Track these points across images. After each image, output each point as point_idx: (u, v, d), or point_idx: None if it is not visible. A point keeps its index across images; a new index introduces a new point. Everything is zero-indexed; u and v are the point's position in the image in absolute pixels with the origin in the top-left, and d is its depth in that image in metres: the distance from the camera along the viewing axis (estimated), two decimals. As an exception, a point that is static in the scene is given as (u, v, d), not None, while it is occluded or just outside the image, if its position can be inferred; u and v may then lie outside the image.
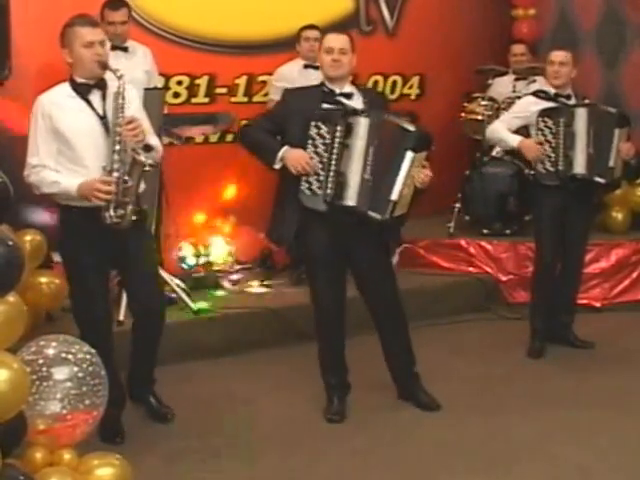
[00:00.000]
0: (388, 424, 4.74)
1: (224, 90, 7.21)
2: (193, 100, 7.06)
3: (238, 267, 6.92)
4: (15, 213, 3.88)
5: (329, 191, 4.53)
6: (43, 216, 5.88)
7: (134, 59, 5.97)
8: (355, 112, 4.54)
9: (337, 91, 4.66)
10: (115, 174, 4.15)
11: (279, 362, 5.63)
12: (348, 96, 4.67)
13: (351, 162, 4.51)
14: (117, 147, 4.16)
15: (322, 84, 4.74)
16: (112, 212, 4.16)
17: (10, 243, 3.22)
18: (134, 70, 5.58)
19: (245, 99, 7.28)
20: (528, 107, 5.68)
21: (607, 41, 7.99)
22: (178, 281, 6.07)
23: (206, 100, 7.15)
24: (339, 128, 4.49)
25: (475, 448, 4.42)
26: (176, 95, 6.97)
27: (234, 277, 6.72)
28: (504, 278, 6.93)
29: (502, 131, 5.73)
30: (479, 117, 7.49)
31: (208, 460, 4.34)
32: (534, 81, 7.27)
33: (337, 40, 4.67)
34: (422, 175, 4.56)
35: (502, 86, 7.65)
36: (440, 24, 8.07)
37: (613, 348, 5.92)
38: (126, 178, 4.16)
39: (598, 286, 6.83)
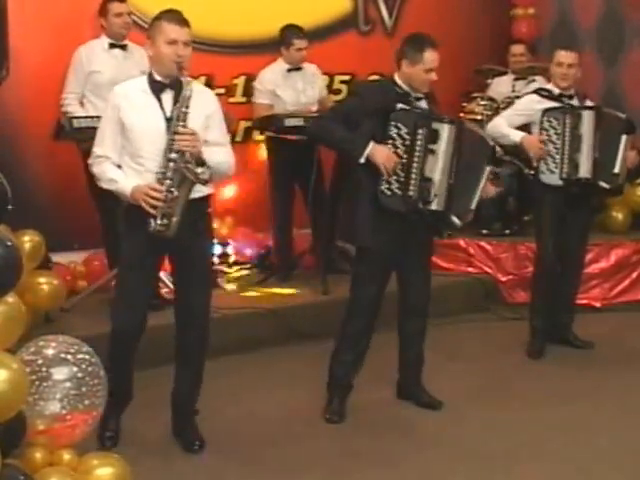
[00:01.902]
0: (388, 424, 4.74)
1: (222, 90, 7.18)
2: (192, 100, 7.04)
3: (237, 267, 6.92)
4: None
5: (412, 194, 4.57)
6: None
7: (132, 59, 5.95)
8: (437, 118, 4.64)
9: (413, 95, 4.71)
10: (167, 182, 4.07)
11: (279, 362, 5.63)
12: (419, 99, 4.74)
13: (437, 168, 4.58)
14: (172, 155, 4.07)
15: (394, 83, 4.73)
16: (158, 220, 4.07)
17: (9, 244, 3.21)
18: (131, 70, 5.57)
19: (243, 99, 7.26)
20: (531, 105, 5.67)
21: (607, 40, 8.00)
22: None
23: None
24: (421, 131, 4.55)
25: (475, 448, 4.42)
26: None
27: (233, 277, 6.71)
28: (503, 278, 6.93)
29: (504, 127, 5.71)
30: (478, 117, 7.48)
31: (208, 460, 4.33)
32: (533, 81, 7.28)
33: (437, 60, 4.89)
34: (489, 188, 4.81)
35: (501, 86, 7.65)
36: (439, 24, 8.03)
37: (613, 348, 5.93)
38: (173, 189, 4.07)
39: (598, 286, 6.83)
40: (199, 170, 4.06)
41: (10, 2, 5.61)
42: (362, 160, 4.57)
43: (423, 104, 4.74)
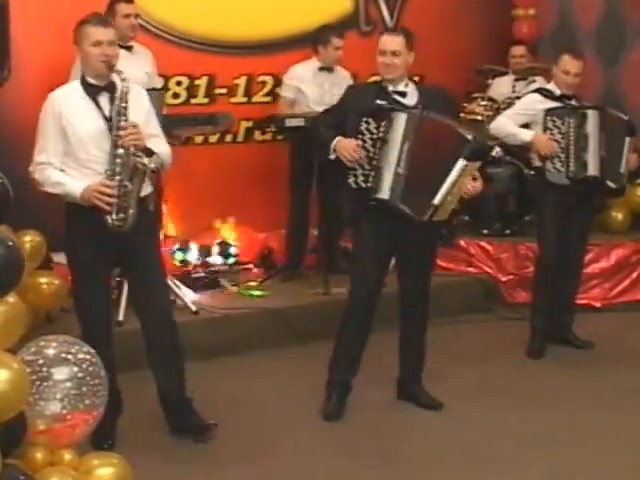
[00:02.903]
0: (388, 424, 4.74)
1: (224, 90, 7.20)
2: (193, 101, 7.05)
3: (238, 267, 6.92)
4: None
5: (369, 185, 4.59)
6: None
7: (136, 60, 5.97)
8: (397, 108, 4.60)
9: (390, 89, 4.70)
10: (117, 177, 4.14)
11: (279, 362, 5.64)
12: (402, 94, 4.72)
13: (387, 156, 4.57)
14: (118, 151, 4.15)
15: (382, 81, 4.78)
16: (114, 215, 4.15)
17: (10, 244, 3.22)
18: (135, 71, 5.57)
19: (245, 99, 7.28)
20: (533, 105, 5.67)
21: (607, 41, 8.00)
22: (178, 282, 6.06)
23: (206, 101, 7.14)
24: (383, 123, 4.55)
25: (475, 448, 4.43)
26: (175, 96, 6.96)
27: (234, 277, 6.72)
28: (504, 278, 6.93)
29: (511, 126, 5.70)
30: (479, 117, 7.48)
31: (208, 460, 4.34)
32: (534, 81, 7.27)
33: (391, 42, 4.71)
34: (469, 186, 4.63)
35: (502, 86, 7.65)
36: (440, 24, 8.06)
37: (613, 348, 5.93)
38: (126, 183, 4.14)
39: (598, 286, 6.83)
40: (147, 160, 4.14)
41: (12, 2, 5.62)
42: (332, 156, 4.66)
43: (409, 100, 4.70)
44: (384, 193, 4.58)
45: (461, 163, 4.46)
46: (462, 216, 7.34)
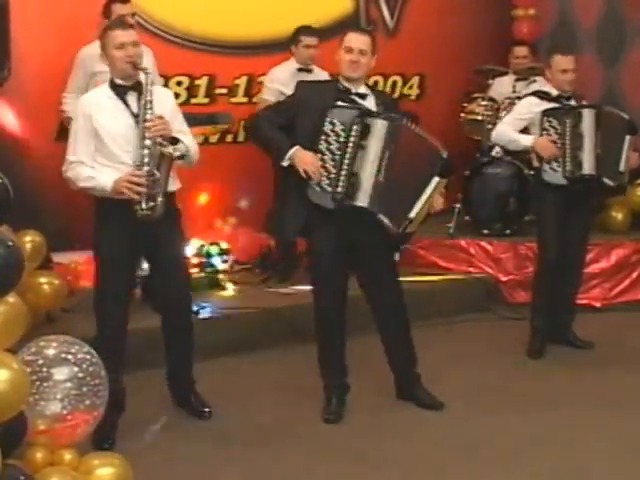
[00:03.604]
0: (388, 424, 4.74)
1: (224, 90, 7.21)
2: (193, 100, 7.06)
3: (238, 267, 6.93)
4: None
5: (340, 189, 4.53)
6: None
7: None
8: (373, 114, 4.56)
9: (353, 90, 4.66)
10: (145, 168, 4.31)
11: (279, 362, 5.64)
12: (362, 96, 4.67)
13: (365, 163, 4.52)
14: (146, 142, 4.32)
15: (337, 80, 4.73)
16: (143, 205, 4.31)
17: (10, 244, 3.22)
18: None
19: (245, 99, 7.29)
20: (531, 108, 5.68)
21: (607, 41, 8.00)
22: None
23: (206, 100, 7.15)
24: (355, 128, 4.49)
25: (475, 448, 4.43)
26: (176, 95, 6.89)
27: (234, 277, 6.72)
28: (504, 278, 6.93)
29: (511, 132, 5.71)
30: (479, 117, 7.49)
31: (207, 460, 4.34)
32: (534, 81, 7.28)
33: (358, 40, 4.66)
34: (437, 202, 4.64)
35: (502, 86, 7.65)
36: (440, 24, 8.07)
37: (613, 348, 5.92)
38: (154, 172, 4.30)
39: (598, 286, 6.83)
40: (172, 148, 4.32)
41: (13, 3, 5.62)
42: (285, 164, 4.58)
43: (370, 104, 4.66)
44: (362, 200, 4.52)
45: (436, 180, 4.50)
46: (463, 215, 7.35)
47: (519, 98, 7.13)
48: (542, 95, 5.67)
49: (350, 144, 4.50)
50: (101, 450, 4.18)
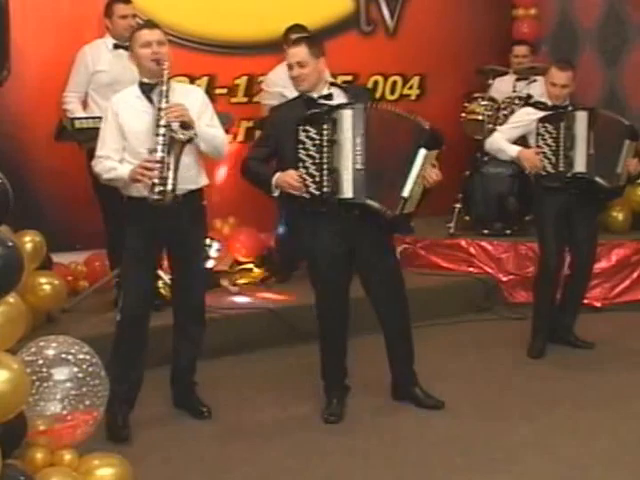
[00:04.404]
0: (388, 424, 4.74)
1: (224, 91, 7.20)
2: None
3: (238, 267, 6.92)
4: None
5: (325, 189, 4.54)
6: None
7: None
8: (337, 107, 4.57)
9: (316, 96, 4.69)
10: (158, 155, 4.37)
11: (279, 362, 5.64)
12: (328, 97, 4.70)
13: (341, 156, 4.53)
14: (160, 130, 4.38)
15: (301, 94, 4.76)
16: (156, 189, 4.37)
17: (10, 244, 3.21)
18: (135, 70, 5.57)
19: (245, 99, 7.29)
20: (527, 117, 5.73)
21: (608, 40, 7.99)
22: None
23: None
24: (325, 126, 4.51)
25: (475, 448, 4.43)
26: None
27: (234, 277, 6.72)
28: (504, 278, 6.93)
29: (501, 142, 5.75)
30: (479, 117, 7.49)
31: (208, 460, 4.34)
32: (534, 81, 7.28)
33: (293, 55, 4.69)
34: (433, 174, 4.58)
35: (503, 86, 7.64)
36: (440, 24, 8.07)
37: (613, 348, 5.93)
38: (163, 156, 4.37)
39: (598, 286, 6.83)
40: (182, 132, 4.38)
41: (12, 2, 5.62)
42: (275, 194, 4.66)
43: (338, 101, 4.68)
44: (347, 192, 4.53)
45: (422, 152, 4.48)
46: (463, 215, 7.36)
47: (519, 98, 7.16)
48: (539, 106, 5.72)
49: (324, 143, 4.52)
50: (120, 441, 4.35)
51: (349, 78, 7.54)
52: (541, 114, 5.61)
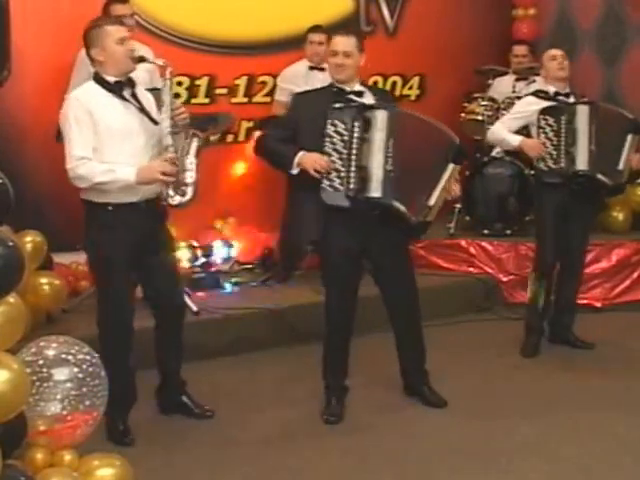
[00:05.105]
0: (388, 424, 4.74)
1: (224, 91, 7.21)
2: (193, 101, 7.06)
3: (238, 267, 6.93)
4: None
5: (352, 186, 4.54)
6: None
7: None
8: (372, 106, 4.59)
9: (348, 89, 4.69)
10: (172, 155, 4.29)
11: (279, 362, 5.64)
12: (359, 94, 4.71)
13: (372, 155, 4.53)
14: (172, 130, 4.32)
15: (331, 85, 4.77)
16: (172, 192, 4.33)
17: (10, 244, 3.22)
18: (136, 70, 5.57)
19: (245, 100, 7.29)
20: (528, 107, 5.68)
21: (607, 40, 7.99)
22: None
23: (206, 101, 7.15)
24: (357, 124, 4.52)
25: (475, 448, 4.43)
26: (176, 96, 6.92)
27: (234, 277, 6.72)
28: (505, 278, 6.94)
29: (503, 132, 5.73)
30: (479, 117, 7.49)
31: (208, 460, 4.34)
32: (534, 81, 7.27)
33: (341, 43, 4.69)
34: (454, 187, 4.66)
35: (502, 86, 7.65)
36: (440, 24, 8.07)
37: (613, 348, 5.92)
38: (184, 159, 4.35)
39: (599, 286, 6.83)
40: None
41: (12, 2, 5.62)
42: (294, 171, 4.62)
43: (366, 99, 4.70)
44: (375, 191, 4.54)
45: (451, 167, 4.55)
46: (463, 215, 7.36)
47: (519, 98, 7.14)
48: (540, 94, 5.68)
49: (354, 140, 4.52)
50: (123, 445, 4.31)
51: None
52: (543, 104, 5.58)
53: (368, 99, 4.71)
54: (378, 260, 4.79)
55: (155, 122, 4.37)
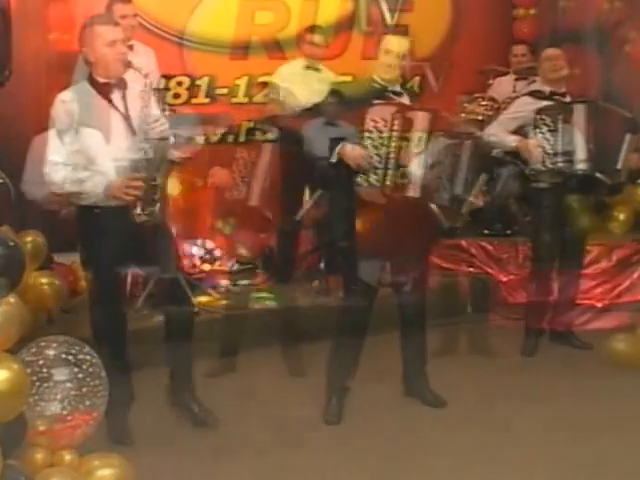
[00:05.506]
0: (388, 424, 4.75)
1: (224, 91, 7.21)
2: (193, 101, 7.06)
3: (238, 267, 6.92)
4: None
5: (389, 183, 4.56)
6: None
7: (137, 59, 5.96)
8: (412, 107, 4.64)
9: (389, 88, 4.73)
10: (142, 172, 4.15)
11: (279, 362, 5.64)
12: (398, 94, 4.74)
13: (411, 154, 4.55)
14: (145, 145, 4.17)
15: (372, 80, 4.78)
16: (139, 210, 4.16)
17: (11, 244, 3.22)
18: (136, 57, 5.58)
19: (245, 100, 7.29)
20: (524, 107, 5.69)
21: (607, 40, 7.98)
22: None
23: (206, 101, 7.15)
24: (396, 122, 4.53)
25: (475, 447, 4.43)
26: (176, 96, 6.97)
27: (234, 277, 6.72)
28: (505, 279, 6.93)
29: (499, 133, 5.74)
30: (479, 117, 7.47)
31: (208, 460, 4.34)
32: (534, 81, 7.26)
33: (397, 44, 4.76)
34: (481, 198, 4.83)
35: (503, 86, 7.63)
36: (440, 24, 8.07)
37: (613, 348, 5.92)
38: (154, 175, 4.17)
39: (599, 286, 6.81)
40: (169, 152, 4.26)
41: (13, 3, 5.62)
42: (333, 160, 4.61)
43: (403, 99, 4.73)
44: (413, 191, 4.57)
45: (484, 177, 4.75)
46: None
47: (519, 98, 7.14)
48: (536, 94, 5.68)
49: (394, 138, 4.54)
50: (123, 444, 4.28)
51: (349, 78, 7.54)
52: (540, 103, 5.58)
53: (405, 99, 4.76)
54: (400, 258, 4.80)
55: (134, 132, 4.24)
